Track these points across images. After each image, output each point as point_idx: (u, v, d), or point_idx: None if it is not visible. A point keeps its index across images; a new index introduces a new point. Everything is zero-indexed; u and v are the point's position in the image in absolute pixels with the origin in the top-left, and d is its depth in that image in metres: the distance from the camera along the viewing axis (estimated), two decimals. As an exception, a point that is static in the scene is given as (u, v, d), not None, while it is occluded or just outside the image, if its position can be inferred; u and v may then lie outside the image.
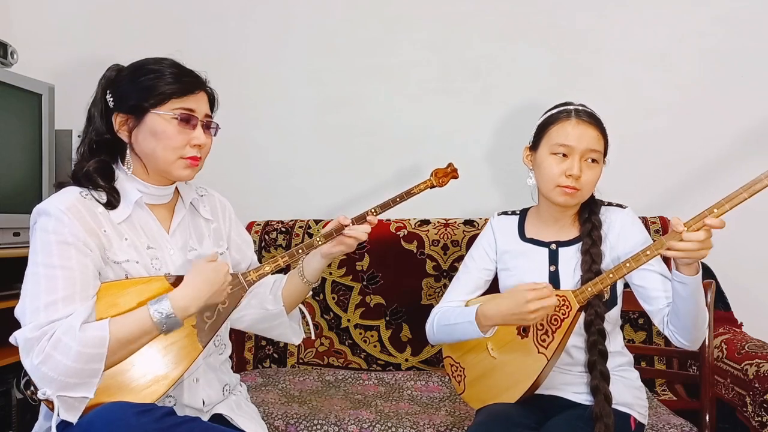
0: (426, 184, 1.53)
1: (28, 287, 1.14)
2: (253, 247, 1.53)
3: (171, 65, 1.28)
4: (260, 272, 1.31)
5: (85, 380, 1.08)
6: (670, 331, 1.36)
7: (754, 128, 2.17)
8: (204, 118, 1.29)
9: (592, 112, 1.45)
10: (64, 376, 1.06)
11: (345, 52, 2.45)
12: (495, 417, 1.37)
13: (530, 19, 2.32)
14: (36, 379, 1.07)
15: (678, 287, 1.28)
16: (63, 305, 1.11)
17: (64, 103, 2.20)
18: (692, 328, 1.32)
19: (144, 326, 1.14)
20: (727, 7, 2.19)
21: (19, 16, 2.64)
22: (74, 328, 1.08)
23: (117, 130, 1.27)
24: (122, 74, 1.29)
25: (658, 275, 1.40)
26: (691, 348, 1.37)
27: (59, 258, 1.14)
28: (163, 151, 1.25)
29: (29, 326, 1.09)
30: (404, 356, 2.19)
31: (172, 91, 1.24)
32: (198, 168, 1.30)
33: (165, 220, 1.33)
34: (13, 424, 1.96)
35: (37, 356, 1.06)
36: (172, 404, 1.27)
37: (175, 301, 1.16)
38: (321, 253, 1.40)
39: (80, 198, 1.21)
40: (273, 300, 1.44)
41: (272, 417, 1.68)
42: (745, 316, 2.03)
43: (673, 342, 1.37)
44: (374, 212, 1.41)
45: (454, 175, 1.58)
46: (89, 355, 1.08)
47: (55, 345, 1.07)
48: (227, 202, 1.50)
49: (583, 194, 1.43)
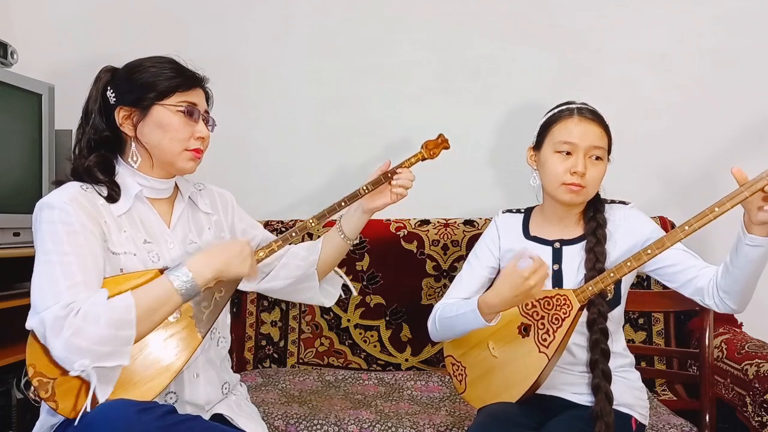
0: (417, 157, 1.52)
1: (43, 275, 1.13)
2: (261, 227, 1.54)
3: (169, 61, 1.31)
4: (270, 248, 1.35)
5: (118, 348, 1.08)
6: (720, 298, 1.32)
7: (754, 128, 2.17)
8: (204, 113, 1.33)
9: (595, 109, 1.45)
10: (98, 345, 1.06)
11: (345, 52, 2.45)
12: (495, 417, 1.37)
13: (530, 19, 2.32)
14: (69, 353, 1.06)
15: (749, 251, 1.23)
16: (85, 287, 1.12)
17: (64, 103, 2.19)
18: (749, 290, 1.30)
19: (165, 293, 1.15)
20: (727, 7, 2.19)
21: (19, 16, 2.64)
22: (100, 300, 1.10)
23: (120, 124, 1.28)
24: (120, 73, 1.31)
25: (679, 251, 1.39)
26: (738, 311, 1.35)
27: (70, 245, 1.14)
28: (170, 143, 1.27)
29: (56, 306, 1.08)
30: (404, 356, 2.19)
31: (177, 84, 1.27)
32: (199, 160, 1.33)
33: (165, 214, 1.34)
34: (13, 424, 1.96)
35: (68, 330, 1.06)
36: (174, 401, 1.27)
37: (192, 265, 1.18)
38: (363, 209, 1.45)
39: (81, 191, 1.23)
40: (305, 266, 1.47)
41: (272, 417, 1.68)
42: (745, 316, 2.02)
43: (718, 309, 1.34)
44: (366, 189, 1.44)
45: (445, 145, 1.57)
46: (119, 321, 1.08)
47: (84, 317, 1.07)
48: (227, 192, 1.52)
49: (589, 192, 1.43)
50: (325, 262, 1.49)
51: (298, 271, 1.47)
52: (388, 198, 1.45)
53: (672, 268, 1.40)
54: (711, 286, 1.34)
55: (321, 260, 1.48)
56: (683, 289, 1.40)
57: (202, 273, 1.18)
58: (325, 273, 1.52)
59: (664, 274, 1.42)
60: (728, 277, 1.30)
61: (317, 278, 1.49)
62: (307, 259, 1.48)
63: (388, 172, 1.45)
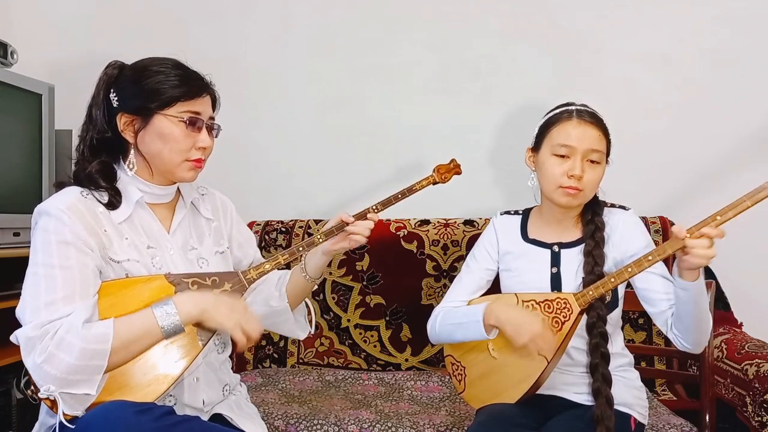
0: (428, 181, 1.52)
1: (28, 287, 1.14)
2: (255, 244, 1.54)
3: (176, 66, 1.28)
4: (260, 270, 1.32)
5: (88, 377, 1.08)
6: (674, 335, 1.36)
7: (754, 128, 2.17)
8: (208, 121, 1.30)
9: (594, 111, 1.45)
10: (67, 374, 1.06)
11: (345, 52, 2.45)
12: (495, 417, 1.37)
13: (530, 19, 2.32)
14: (38, 377, 1.07)
15: (680, 293, 1.27)
16: (63, 304, 1.11)
17: (64, 103, 2.20)
18: (696, 331, 1.32)
19: (148, 328, 1.14)
20: (727, 7, 2.19)
21: (19, 16, 2.64)
22: (77, 326, 1.09)
23: (122, 131, 1.27)
24: (126, 74, 1.29)
25: (659, 278, 1.40)
26: (695, 352, 1.37)
27: (58, 258, 1.14)
28: (170, 153, 1.25)
29: (30, 325, 1.09)
30: (404, 356, 2.19)
31: (180, 93, 1.24)
32: (201, 170, 1.32)
33: (166, 220, 1.33)
34: (13, 424, 1.96)
35: (39, 355, 1.06)
36: (173, 404, 1.26)
37: (179, 302, 1.16)
38: (322, 251, 1.40)
39: (81, 198, 1.22)
40: (278, 297, 1.44)
41: (272, 417, 1.68)
42: (745, 316, 2.03)
43: (677, 346, 1.36)
44: (375, 209, 1.41)
45: (456, 171, 1.57)
46: (92, 351, 1.08)
47: (58, 344, 1.07)
48: (229, 200, 1.51)
49: (586, 195, 1.42)
50: (291, 294, 1.45)
51: (271, 300, 1.44)
52: (346, 243, 1.39)
53: (651, 294, 1.41)
54: (670, 322, 1.37)
55: (288, 292, 1.44)
56: (655, 317, 1.42)
57: (187, 311, 1.16)
58: (296, 305, 1.47)
59: (644, 297, 1.43)
60: (675, 317, 1.34)
61: (290, 310, 1.45)
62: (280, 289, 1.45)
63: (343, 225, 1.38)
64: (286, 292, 1.44)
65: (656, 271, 1.38)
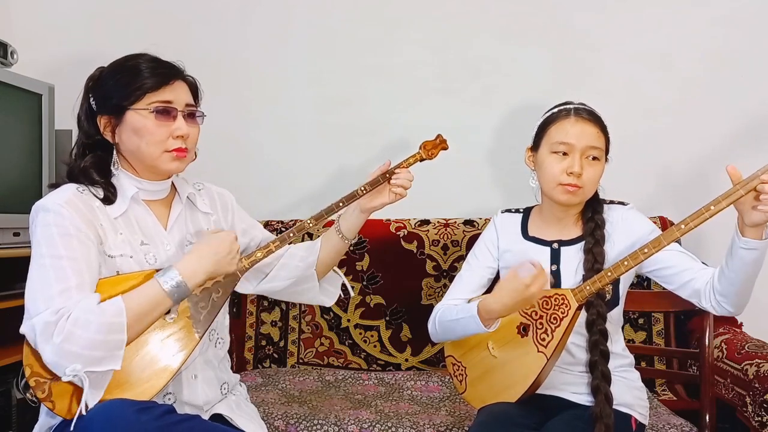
0: (415, 158, 1.52)
1: (37, 279, 1.13)
2: (260, 227, 1.54)
3: (147, 60, 1.28)
4: (252, 259, 1.34)
5: (111, 352, 1.09)
6: (717, 301, 1.32)
7: (754, 128, 2.17)
8: (185, 108, 1.28)
9: (592, 109, 1.45)
10: (90, 350, 1.06)
11: (345, 52, 2.45)
12: (495, 417, 1.37)
13: (530, 19, 2.32)
14: (61, 358, 1.06)
15: (744, 254, 1.23)
16: (77, 291, 1.12)
17: (64, 103, 2.18)
18: (746, 293, 1.30)
19: (155, 297, 1.15)
20: (727, 8, 2.19)
21: (19, 15, 2.64)
22: (91, 305, 1.10)
23: (102, 132, 1.28)
24: (102, 76, 1.30)
25: (676, 252, 1.39)
26: (736, 314, 1.35)
27: (64, 249, 1.14)
28: (147, 147, 1.25)
29: (46, 312, 1.08)
30: (404, 356, 2.19)
31: (148, 85, 1.24)
32: (187, 159, 1.30)
33: (162, 216, 1.34)
34: (13, 424, 1.96)
35: (58, 335, 1.06)
36: (172, 401, 1.27)
37: (182, 269, 1.18)
38: (361, 209, 1.44)
39: (77, 193, 1.22)
40: (303, 266, 1.47)
41: (272, 417, 1.68)
42: (745, 316, 2.00)
43: (714, 311, 1.34)
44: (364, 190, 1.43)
45: (443, 146, 1.57)
46: (110, 325, 1.08)
47: (75, 322, 1.07)
48: (226, 192, 1.51)
49: (586, 192, 1.43)
50: (324, 262, 1.48)
51: (297, 272, 1.47)
52: (386, 198, 1.44)
53: (669, 270, 1.40)
54: (708, 288, 1.34)
55: (320, 260, 1.47)
56: (680, 291, 1.40)
57: (193, 276, 1.19)
58: (325, 273, 1.51)
59: (661, 275, 1.42)
60: (724, 280, 1.29)
61: (317, 278, 1.49)
62: (306, 259, 1.47)
63: (387, 172, 1.45)
64: (318, 258, 1.46)
65: (670, 246, 1.33)
